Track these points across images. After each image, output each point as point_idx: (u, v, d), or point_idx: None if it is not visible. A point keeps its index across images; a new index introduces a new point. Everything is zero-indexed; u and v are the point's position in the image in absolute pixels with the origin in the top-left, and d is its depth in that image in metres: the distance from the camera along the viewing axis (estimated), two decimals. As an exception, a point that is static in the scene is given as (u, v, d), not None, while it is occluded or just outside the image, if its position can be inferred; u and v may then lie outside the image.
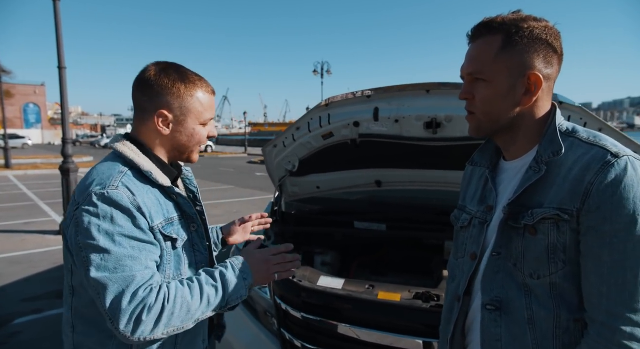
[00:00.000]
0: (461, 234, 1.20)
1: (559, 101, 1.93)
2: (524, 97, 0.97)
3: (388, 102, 2.15)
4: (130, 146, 1.18)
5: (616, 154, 0.88)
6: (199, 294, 1.08)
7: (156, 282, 1.06)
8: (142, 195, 1.10)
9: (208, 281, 1.12)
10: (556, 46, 0.97)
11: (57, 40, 7.57)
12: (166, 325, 1.03)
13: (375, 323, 1.80)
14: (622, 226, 0.83)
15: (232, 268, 1.17)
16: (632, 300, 0.83)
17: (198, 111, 1.20)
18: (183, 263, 1.20)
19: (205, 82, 1.24)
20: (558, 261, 0.91)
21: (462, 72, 1.04)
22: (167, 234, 1.14)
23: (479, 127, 1.05)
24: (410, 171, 2.46)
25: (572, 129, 0.99)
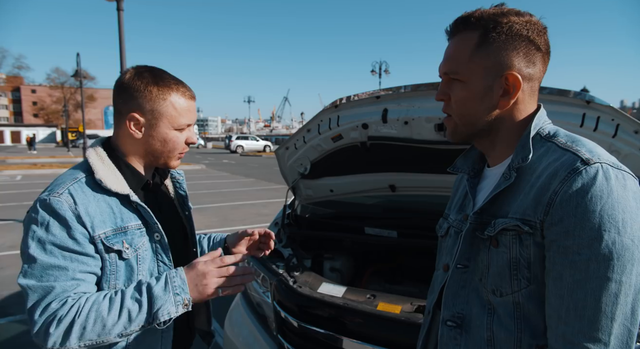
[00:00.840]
0: (441, 244, 1.14)
1: (587, 99, 1.71)
2: (501, 99, 0.90)
3: (397, 103, 2.04)
4: (99, 151, 1.19)
5: (587, 160, 0.78)
6: (117, 309, 1.02)
7: (75, 294, 1.03)
8: (87, 203, 1.07)
9: (133, 295, 1.05)
10: (539, 43, 0.88)
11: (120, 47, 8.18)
12: (79, 338, 0.99)
13: (372, 336, 1.71)
14: (585, 242, 0.74)
15: (164, 282, 1.07)
16: (591, 327, 0.73)
17: (171, 115, 1.17)
18: (136, 273, 1.14)
19: (182, 86, 1.20)
20: (521, 278, 0.83)
21: (439, 71, 0.98)
22: (109, 244, 1.09)
23: (455, 131, 0.98)
24: (424, 175, 2.32)
25: (553, 133, 0.90)
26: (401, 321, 1.68)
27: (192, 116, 1.22)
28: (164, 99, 1.15)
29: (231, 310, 2.43)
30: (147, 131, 1.17)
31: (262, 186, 13.53)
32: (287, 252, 2.30)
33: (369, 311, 1.75)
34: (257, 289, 2.22)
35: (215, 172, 18.21)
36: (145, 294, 1.05)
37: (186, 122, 1.20)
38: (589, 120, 1.70)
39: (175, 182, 1.43)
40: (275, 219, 2.60)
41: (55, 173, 17.21)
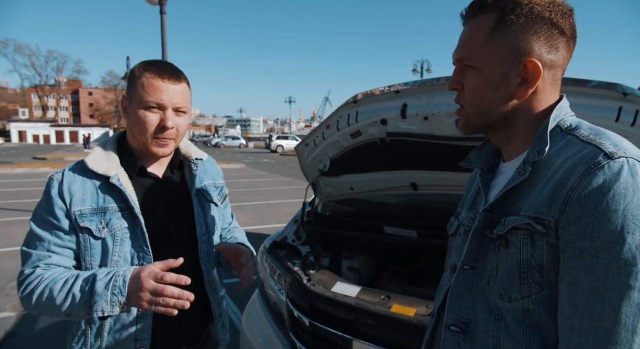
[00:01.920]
0: (451, 243, 1.07)
1: (624, 91, 1.56)
2: (519, 88, 0.81)
3: (417, 97, 1.96)
4: (109, 138, 1.31)
5: (611, 154, 0.69)
6: (65, 291, 1.07)
7: (46, 265, 1.12)
8: (72, 182, 1.17)
9: (82, 283, 1.08)
10: (563, 26, 0.79)
11: (162, 49, 8.50)
12: (37, 307, 1.09)
13: (383, 338, 1.65)
14: (605, 244, 0.66)
15: (108, 279, 1.07)
16: (609, 341, 0.65)
17: (139, 94, 1.17)
18: (111, 254, 1.17)
19: (161, 67, 1.19)
20: (532, 282, 0.75)
21: (453, 57, 0.91)
22: (80, 222, 1.15)
23: (468, 122, 0.90)
24: (446, 173, 2.21)
25: (575, 125, 0.81)
26: (414, 325, 1.61)
27: (162, 95, 1.17)
28: (138, 79, 1.18)
29: (248, 306, 2.44)
30: (129, 114, 1.22)
31: (299, 185, 13.61)
32: (305, 250, 2.27)
33: (381, 312, 1.68)
34: (273, 287, 2.22)
35: (254, 171, 18.54)
36: (90, 285, 1.07)
37: (153, 100, 1.16)
38: (625, 114, 1.54)
39: (192, 171, 1.40)
40: (295, 217, 2.59)
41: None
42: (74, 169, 1.21)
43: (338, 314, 1.76)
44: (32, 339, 3.50)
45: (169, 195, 1.33)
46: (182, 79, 1.23)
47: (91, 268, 1.16)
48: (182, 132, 1.27)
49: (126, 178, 1.22)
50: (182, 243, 1.34)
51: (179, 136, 1.26)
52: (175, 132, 1.23)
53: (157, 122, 1.19)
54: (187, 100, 1.25)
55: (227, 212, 1.61)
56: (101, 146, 1.26)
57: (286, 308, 1.97)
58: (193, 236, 1.36)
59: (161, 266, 1.06)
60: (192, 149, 1.45)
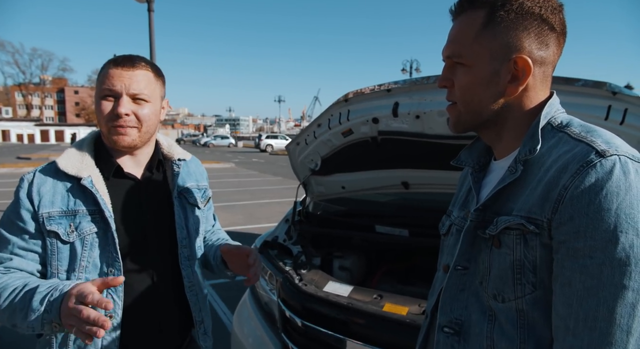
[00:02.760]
0: (443, 243, 1.07)
1: (614, 90, 1.57)
2: (509, 85, 0.81)
3: (409, 96, 1.95)
4: (87, 138, 1.28)
5: (603, 152, 0.69)
6: (9, 301, 1.00)
7: (6, 268, 1.07)
8: (42, 183, 1.13)
9: (24, 294, 1.00)
10: (554, 22, 0.79)
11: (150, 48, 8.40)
12: None
13: (376, 338, 1.64)
14: (598, 244, 0.65)
15: (46, 293, 0.98)
16: (604, 341, 0.64)
17: (99, 84, 1.16)
18: (79, 259, 1.12)
19: (119, 57, 1.18)
20: (526, 282, 0.75)
21: (442, 54, 0.89)
22: (47, 225, 1.10)
23: (459, 120, 0.89)
24: (438, 172, 2.21)
25: (566, 122, 0.80)
26: (406, 324, 1.61)
27: (114, 81, 1.13)
28: (100, 72, 1.17)
29: (239, 307, 2.41)
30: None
31: (289, 184, 13.58)
32: (297, 250, 2.25)
33: (373, 312, 1.68)
34: (264, 287, 2.20)
35: (244, 171, 18.45)
36: (28, 297, 0.98)
37: (107, 87, 1.13)
38: (614, 113, 1.56)
39: (174, 173, 1.35)
40: (285, 216, 2.57)
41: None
42: (46, 170, 1.16)
43: (331, 314, 1.74)
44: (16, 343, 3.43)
45: (147, 197, 1.27)
46: (140, 65, 1.17)
47: (57, 274, 1.11)
48: (146, 122, 1.19)
49: (100, 180, 1.18)
50: (162, 247, 1.28)
51: (142, 125, 1.19)
52: (134, 119, 1.17)
53: (110, 109, 1.15)
54: (147, 87, 1.18)
55: (210, 215, 1.57)
56: (76, 146, 1.22)
57: (278, 308, 1.95)
58: (173, 239, 1.31)
59: (98, 284, 0.95)
60: (174, 149, 1.40)
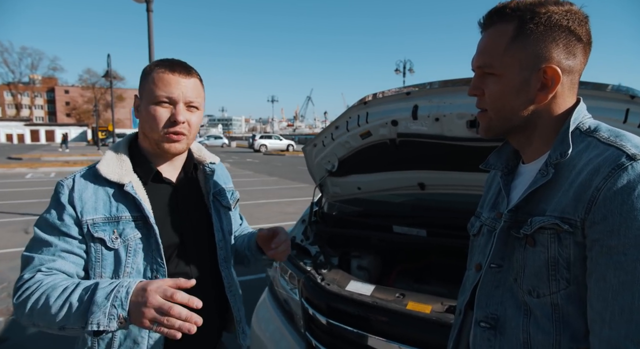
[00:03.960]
0: (473, 243, 1.11)
1: (632, 94, 1.63)
2: (539, 93, 0.85)
3: (428, 99, 2.00)
4: (120, 143, 1.26)
5: (633, 156, 0.73)
6: (63, 300, 0.96)
7: (49, 269, 1.05)
8: (83, 189, 1.13)
9: (81, 291, 0.98)
10: (580, 33, 0.83)
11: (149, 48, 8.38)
12: (29, 316, 0.99)
13: (401, 335, 1.68)
14: (632, 241, 0.69)
15: (110, 289, 0.95)
16: (639, 331, 0.68)
17: (150, 89, 1.14)
18: (124, 266, 1.12)
19: (172, 63, 1.17)
20: (560, 278, 0.79)
21: (472, 65, 0.94)
22: (93, 232, 1.10)
23: (490, 126, 0.94)
24: (455, 173, 2.26)
25: (594, 127, 0.85)
26: (432, 321, 1.65)
27: (172, 89, 1.14)
28: (149, 75, 1.16)
29: (258, 306, 2.44)
30: (140, 112, 1.19)
31: (286, 184, 13.60)
32: (315, 250, 2.29)
33: (398, 310, 1.72)
34: (284, 286, 2.23)
35: (239, 171, 18.41)
36: (90, 294, 0.96)
37: (163, 94, 1.13)
38: (633, 116, 1.62)
39: (206, 177, 1.36)
40: (302, 217, 2.60)
41: (87, 171, 17.77)
42: (85, 175, 1.16)
43: (356, 313, 1.78)
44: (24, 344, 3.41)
45: (183, 201, 1.29)
46: (194, 73, 1.20)
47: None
48: (194, 129, 1.21)
49: (140, 185, 1.18)
50: (200, 250, 1.30)
51: (191, 132, 1.21)
52: (187, 127, 1.18)
53: (167, 116, 1.15)
54: (200, 95, 1.21)
55: (237, 216, 1.60)
56: (113, 150, 1.21)
57: (301, 307, 1.99)
58: (211, 242, 1.33)
59: (170, 284, 0.94)
60: (204, 152, 1.41)
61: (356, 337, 1.76)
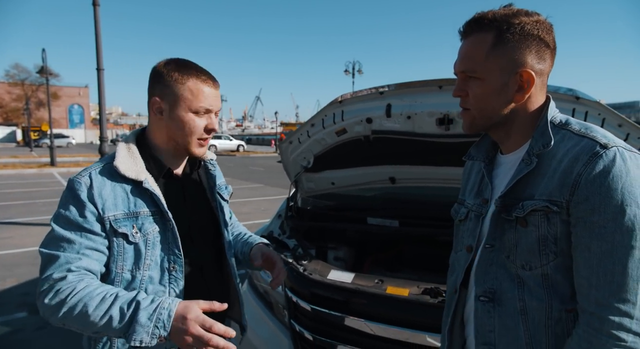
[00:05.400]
0: (460, 228, 1.22)
1: (577, 95, 1.88)
2: (516, 94, 0.97)
3: (400, 98, 2.16)
4: (129, 140, 1.28)
5: (605, 145, 0.87)
6: (103, 310, 1.02)
7: (77, 268, 1.08)
8: (102, 187, 1.15)
9: (122, 305, 1.04)
10: (548, 40, 0.96)
11: (97, 44, 8.00)
12: (63, 318, 1.04)
13: (383, 316, 1.82)
14: (610, 216, 0.83)
15: (154, 309, 1.03)
16: (621, 290, 0.83)
17: (188, 99, 1.20)
18: (144, 258, 1.18)
19: (204, 74, 1.24)
20: (549, 252, 0.92)
21: (455, 69, 1.04)
22: (116, 227, 1.14)
23: (473, 123, 1.05)
24: (424, 167, 2.45)
25: (565, 121, 0.99)
26: (411, 302, 1.79)
27: (211, 101, 1.23)
28: (183, 83, 1.20)
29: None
30: (167, 114, 1.22)
31: (239, 185, 13.47)
32: (292, 243, 2.38)
33: (380, 293, 1.85)
34: (265, 279, 2.29)
35: (189, 172, 17.88)
36: (132, 311, 1.03)
37: (203, 106, 1.22)
38: (578, 115, 1.86)
39: (208, 172, 1.46)
40: (278, 211, 2.67)
41: (20, 174, 16.51)
42: (102, 172, 1.18)
43: (340, 298, 1.90)
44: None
45: (189, 194, 1.36)
46: (218, 84, 1.30)
47: (122, 273, 1.16)
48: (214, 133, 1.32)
49: (153, 181, 1.22)
50: (206, 241, 1.38)
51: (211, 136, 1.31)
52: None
53: (204, 125, 1.24)
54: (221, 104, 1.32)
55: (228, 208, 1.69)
56: (125, 149, 1.24)
57: (285, 296, 2.07)
58: (216, 233, 1.42)
59: (204, 306, 1.06)
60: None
61: (340, 320, 1.88)
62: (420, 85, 2.07)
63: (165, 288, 1.21)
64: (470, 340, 1.09)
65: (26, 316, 3.84)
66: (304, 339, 1.98)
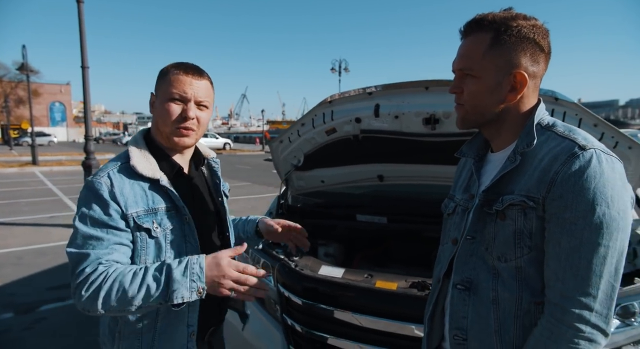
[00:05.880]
0: (447, 221, 1.26)
1: (556, 97, 1.97)
2: (509, 94, 1.01)
3: (388, 99, 2.23)
4: (139, 140, 1.33)
5: (583, 146, 0.92)
6: (138, 283, 1.09)
7: (107, 261, 1.13)
8: (122, 186, 1.21)
9: (154, 273, 1.11)
10: (543, 45, 1.00)
11: (81, 41, 7.87)
12: (104, 303, 1.08)
13: (372, 309, 1.88)
14: (580, 214, 0.88)
15: (184, 266, 1.12)
16: (584, 284, 0.88)
17: (166, 87, 1.25)
18: (165, 251, 1.25)
19: (190, 67, 1.28)
20: (524, 246, 0.97)
21: (453, 67, 1.08)
22: (140, 223, 1.20)
23: (465, 118, 1.09)
24: (411, 165, 2.53)
25: (552, 123, 1.03)
26: (399, 295, 1.87)
27: (185, 87, 1.25)
28: (166, 75, 1.27)
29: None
30: (156, 108, 1.30)
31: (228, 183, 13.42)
32: (283, 240, 2.43)
33: (369, 287, 1.92)
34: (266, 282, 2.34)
35: (176, 171, 17.74)
36: (165, 274, 1.11)
37: (177, 92, 1.25)
38: (557, 115, 1.95)
39: (212, 170, 1.53)
40: (269, 209, 2.72)
41: (1, 173, 16.16)
42: (120, 171, 1.23)
43: (331, 292, 1.96)
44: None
45: (197, 192, 1.43)
46: (205, 76, 1.32)
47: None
48: (202, 126, 1.33)
49: (166, 178, 1.28)
50: (212, 237, 1.45)
51: (200, 128, 1.32)
52: (196, 123, 1.29)
53: (179, 112, 1.26)
54: (209, 96, 1.33)
55: None
56: (137, 148, 1.30)
57: (277, 292, 2.12)
58: (221, 226, 1.49)
59: (230, 254, 1.16)
60: (206, 149, 1.57)
61: (332, 314, 1.94)
62: (407, 86, 2.14)
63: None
64: (448, 328, 1.14)
65: (12, 317, 3.82)
66: (296, 333, 2.03)
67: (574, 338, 0.89)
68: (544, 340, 0.92)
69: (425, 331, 1.24)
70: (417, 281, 1.93)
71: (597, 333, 0.89)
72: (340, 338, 1.92)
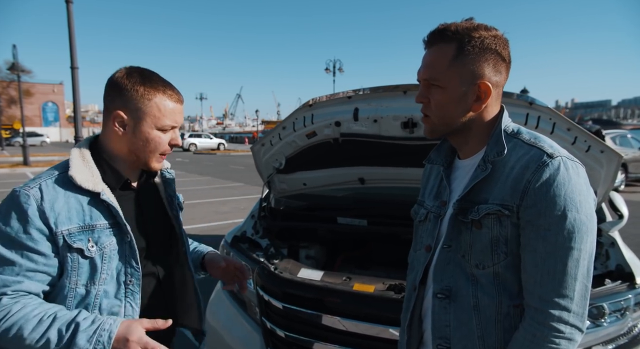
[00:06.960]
0: (419, 228, 1.27)
1: (530, 101, 1.99)
2: (474, 103, 1.04)
3: (367, 102, 2.25)
4: (83, 149, 1.21)
5: (551, 154, 0.96)
6: (40, 333, 1.00)
7: (15, 292, 1.03)
8: (54, 199, 1.09)
9: (60, 327, 1.01)
10: (504, 55, 1.03)
11: (70, 41, 7.85)
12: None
13: (350, 312, 1.90)
14: (554, 220, 0.92)
15: (93, 331, 1.02)
16: (561, 287, 0.92)
17: (155, 116, 1.18)
18: (100, 272, 1.13)
19: (170, 89, 1.21)
20: (500, 252, 1.00)
21: (419, 76, 1.09)
22: (70, 242, 1.08)
23: (433, 129, 1.11)
24: (392, 168, 2.55)
25: (516, 130, 1.06)
26: (376, 298, 1.89)
27: (176, 118, 1.22)
28: (149, 99, 1.17)
29: (212, 299, 2.53)
30: (130, 129, 1.18)
31: (219, 184, 13.42)
32: (265, 243, 2.45)
33: (347, 290, 1.94)
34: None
35: (168, 171, 17.67)
36: (70, 333, 1.01)
37: (170, 123, 1.20)
38: (531, 119, 1.98)
39: (166, 182, 1.42)
40: (251, 212, 2.73)
41: (-8, 173, 16.04)
42: (56, 182, 1.11)
43: (309, 296, 1.97)
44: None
45: (146, 205, 1.32)
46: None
47: (76, 288, 1.11)
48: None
49: (110, 192, 1.17)
50: (164, 252, 1.35)
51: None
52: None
53: (168, 140, 1.23)
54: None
55: None
56: (79, 158, 1.18)
57: (256, 295, 2.13)
58: (174, 243, 1.40)
59: (148, 326, 1.06)
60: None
61: (310, 317, 1.95)
62: (385, 90, 2.16)
63: (120, 301, 1.17)
64: (428, 334, 1.15)
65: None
66: (276, 337, 2.04)
67: (555, 339, 0.92)
68: (527, 343, 0.95)
69: (404, 338, 1.25)
70: (394, 283, 1.95)
71: (575, 332, 0.93)
72: (320, 341, 1.93)
